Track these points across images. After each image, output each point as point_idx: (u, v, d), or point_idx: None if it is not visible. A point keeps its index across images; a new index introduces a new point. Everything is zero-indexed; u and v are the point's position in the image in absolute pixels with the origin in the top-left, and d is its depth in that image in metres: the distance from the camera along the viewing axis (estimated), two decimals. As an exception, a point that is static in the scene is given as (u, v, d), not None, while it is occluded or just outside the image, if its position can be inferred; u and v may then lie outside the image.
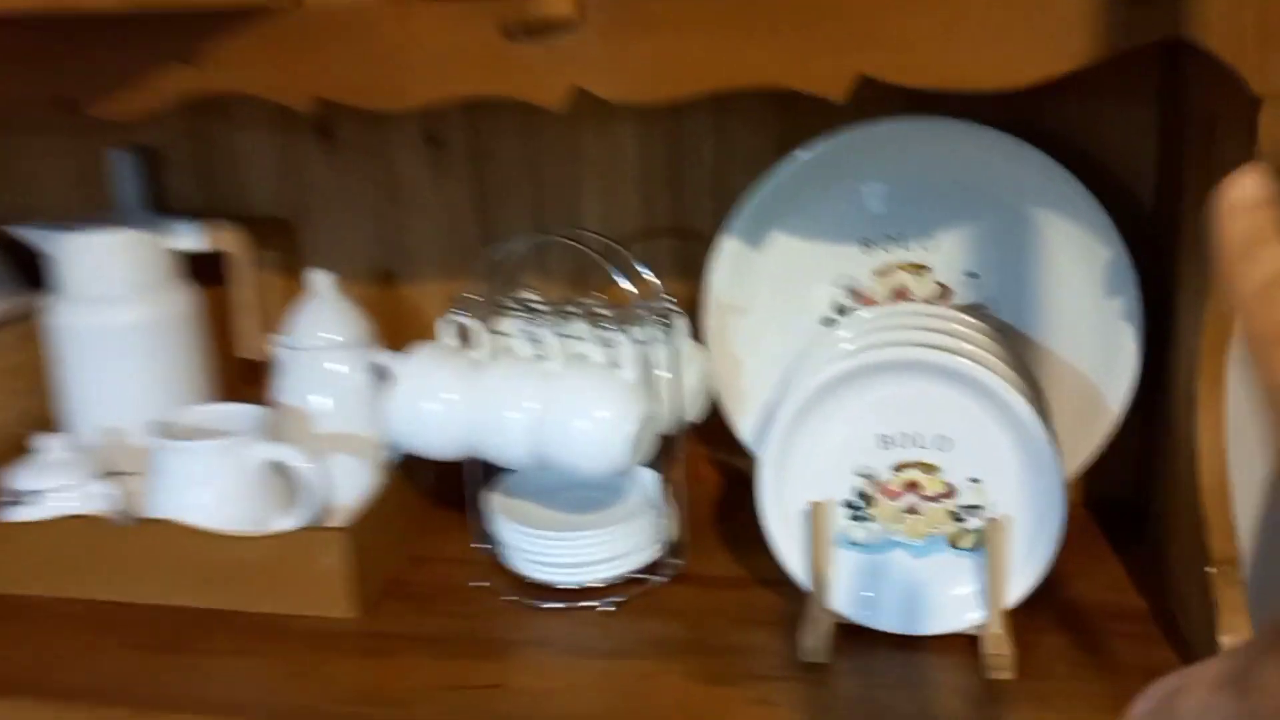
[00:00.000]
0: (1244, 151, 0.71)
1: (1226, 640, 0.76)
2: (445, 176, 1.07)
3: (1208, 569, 0.78)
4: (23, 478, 0.95)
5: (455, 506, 0.99)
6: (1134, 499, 0.99)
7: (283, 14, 0.79)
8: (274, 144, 1.09)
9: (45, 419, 1.05)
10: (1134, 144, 0.94)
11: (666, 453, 0.94)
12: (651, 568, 0.94)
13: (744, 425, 1.00)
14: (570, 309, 0.94)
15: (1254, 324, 0.30)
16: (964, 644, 0.83)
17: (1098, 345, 0.93)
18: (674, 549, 0.96)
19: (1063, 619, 0.86)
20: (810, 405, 0.84)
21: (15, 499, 0.94)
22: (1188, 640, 0.82)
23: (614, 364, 0.88)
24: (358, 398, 1.00)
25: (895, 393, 0.83)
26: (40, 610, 0.92)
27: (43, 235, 1.02)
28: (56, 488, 0.94)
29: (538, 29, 0.76)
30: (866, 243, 0.95)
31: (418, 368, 0.89)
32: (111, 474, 0.98)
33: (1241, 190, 0.31)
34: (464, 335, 0.92)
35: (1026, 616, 0.84)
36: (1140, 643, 0.83)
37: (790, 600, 0.87)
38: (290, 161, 1.09)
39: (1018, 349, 0.91)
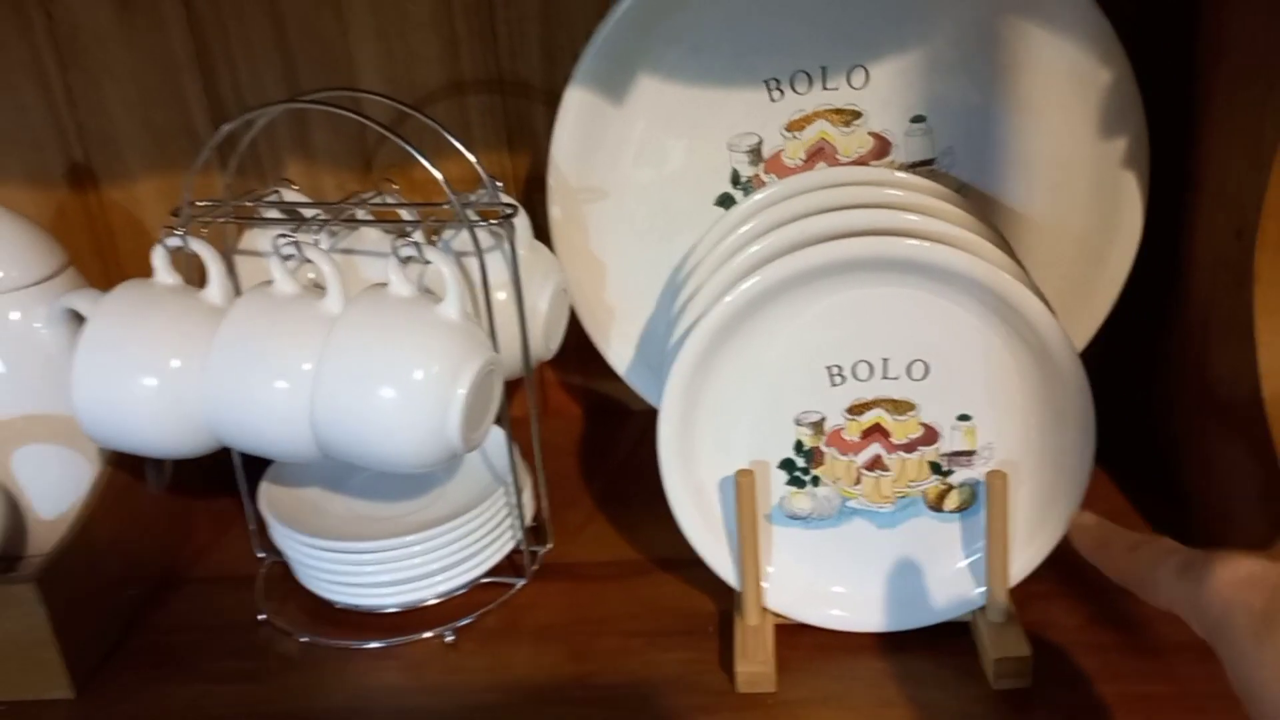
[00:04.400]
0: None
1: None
2: (140, 19, 0.75)
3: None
4: None
5: (231, 494, 0.69)
6: (1139, 409, 0.76)
7: None
8: None
9: None
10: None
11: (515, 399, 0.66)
12: (505, 565, 0.67)
13: (614, 350, 0.73)
14: (351, 211, 0.64)
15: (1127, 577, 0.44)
16: (956, 644, 0.60)
17: (1090, 205, 0.68)
18: (534, 532, 0.69)
19: (1074, 587, 0.63)
20: (720, 335, 0.57)
21: None
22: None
23: (425, 293, 0.58)
24: (46, 361, 0.67)
25: (841, 303, 0.57)
26: None
27: None
28: None
29: None
30: (772, 83, 0.66)
31: (113, 321, 0.57)
32: None
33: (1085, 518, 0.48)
34: (189, 263, 0.60)
35: (1033, 593, 0.61)
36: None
37: (707, 592, 0.64)
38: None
39: (992, 220, 0.65)
